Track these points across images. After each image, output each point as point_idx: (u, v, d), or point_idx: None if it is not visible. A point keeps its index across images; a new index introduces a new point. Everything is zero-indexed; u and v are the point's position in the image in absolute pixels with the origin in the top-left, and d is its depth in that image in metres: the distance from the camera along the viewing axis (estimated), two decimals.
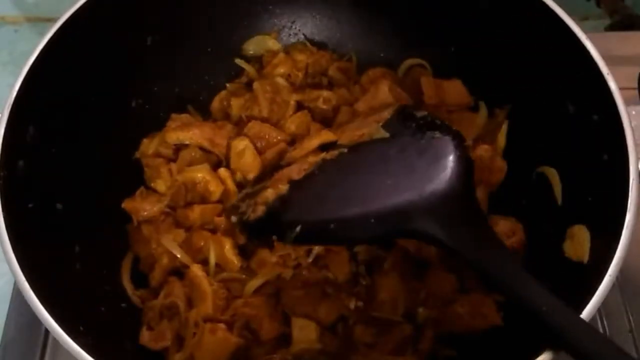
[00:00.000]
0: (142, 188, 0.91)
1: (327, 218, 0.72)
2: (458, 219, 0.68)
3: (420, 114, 0.80)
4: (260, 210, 0.76)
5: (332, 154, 0.80)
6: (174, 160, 0.92)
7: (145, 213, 0.88)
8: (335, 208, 0.73)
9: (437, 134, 0.75)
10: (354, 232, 0.72)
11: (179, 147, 0.92)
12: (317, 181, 0.77)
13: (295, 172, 0.79)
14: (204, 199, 0.88)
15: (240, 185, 0.90)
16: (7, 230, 0.68)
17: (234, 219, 0.80)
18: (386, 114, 0.82)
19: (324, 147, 0.83)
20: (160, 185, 0.90)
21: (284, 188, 0.77)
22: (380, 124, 0.80)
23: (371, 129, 0.80)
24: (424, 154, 0.74)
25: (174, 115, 0.96)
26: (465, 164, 0.72)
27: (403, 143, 0.77)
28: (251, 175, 0.89)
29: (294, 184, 0.77)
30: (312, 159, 0.81)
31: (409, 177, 0.72)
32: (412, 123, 0.79)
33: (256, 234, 0.80)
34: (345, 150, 0.80)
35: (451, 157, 0.72)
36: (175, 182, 0.88)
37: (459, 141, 0.74)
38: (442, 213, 0.68)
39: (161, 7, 0.92)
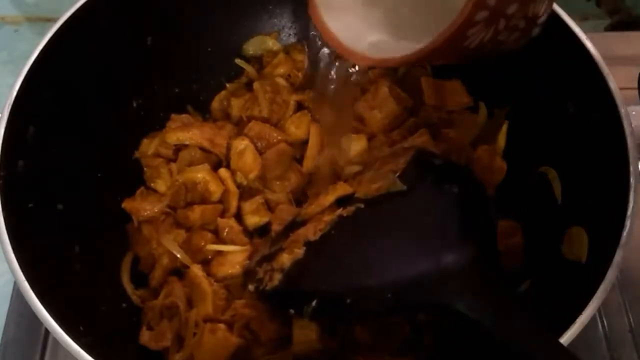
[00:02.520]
0: (142, 188, 0.91)
1: (343, 290, 0.69)
2: (479, 289, 0.64)
3: (438, 161, 0.78)
4: (277, 278, 0.74)
5: (349, 210, 0.77)
6: (174, 161, 0.92)
7: (146, 213, 0.88)
8: (351, 277, 0.70)
9: (456, 187, 0.72)
10: (370, 307, 0.69)
11: (179, 148, 0.92)
12: (334, 243, 0.75)
13: (312, 232, 0.77)
14: (204, 199, 0.88)
15: (240, 186, 0.90)
16: (7, 230, 0.68)
17: (251, 287, 0.78)
18: (403, 162, 0.79)
19: (341, 201, 0.80)
20: (160, 185, 0.90)
21: (299, 252, 0.75)
22: (397, 174, 0.77)
23: (387, 181, 0.77)
24: (442, 212, 0.71)
25: (174, 116, 0.96)
26: (487, 224, 0.69)
27: (421, 198, 0.74)
28: (252, 176, 0.89)
29: (310, 247, 0.75)
30: (328, 217, 0.78)
31: (427, 242, 0.68)
32: (430, 173, 0.76)
33: (274, 304, 0.78)
34: (362, 205, 0.77)
35: (471, 218, 0.68)
36: (176, 182, 0.88)
37: (480, 196, 0.71)
38: (461, 284, 0.64)
39: (161, 7, 0.92)
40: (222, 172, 0.89)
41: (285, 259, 0.75)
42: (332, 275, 0.71)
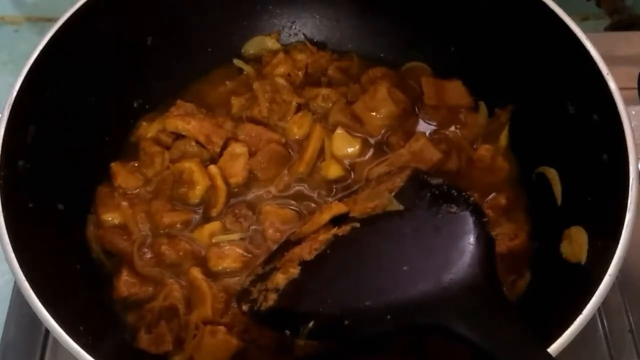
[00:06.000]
0: (133, 163, 0.90)
1: (339, 312, 0.67)
2: (481, 311, 0.62)
3: (435, 181, 0.77)
4: (272, 299, 0.72)
5: (344, 229, 0.76)
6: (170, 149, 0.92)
7: (126, 185, 0.88)
8: (348, 298, 0.68)
9: (454, 208, 0.71)
10: (369, 329, 0.67)
11: (178, 136, 0.92)
12: (329, 263, 0.73)
13: (307, 251, 0.75)
14: (187, 189, 0.88)
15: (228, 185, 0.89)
16: (7, 230, 0.68)
17: (245, 307, 0.75)
18: (399, 181, 0.79)
19: (336, 219, 0.79)
20: (151, 172, 0.90)
21: (295, 272, 0.73)
22: (393, 193, 0.77)
23: (384, 200, 0.77)
24: (440, 233, 0.70)
25: (179, 102, 0.95)
26: (485, 245, 0.67)
27: (418, 219, 0.73)
28: (233, 180, 0.89)
29: (305, 266, 0.73)
30: (324, 236, 0.76)
31: (425, 264, 0.67)
32: (427, 192, 0.75)
33: (269, 325, 0.75)
34: (358, 224, 0.76)
35: (470, 239, 0.67)
36: (166, 169, 0.89)
37: (478, 217, 0.70)
38: (462, 306, 0.62)
39: (161, 7, 0.92)
40: (212, 168, 0.89)
41: (280, 279, 0.73)
42: (329, 296, 0.70)
